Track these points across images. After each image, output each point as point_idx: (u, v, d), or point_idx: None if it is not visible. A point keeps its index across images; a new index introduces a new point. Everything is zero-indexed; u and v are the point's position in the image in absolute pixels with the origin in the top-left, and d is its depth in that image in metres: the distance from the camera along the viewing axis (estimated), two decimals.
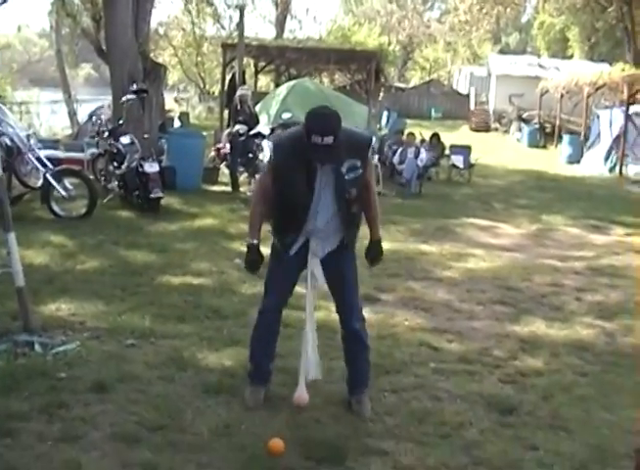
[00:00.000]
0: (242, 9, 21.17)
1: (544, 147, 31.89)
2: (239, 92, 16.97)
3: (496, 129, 39.69)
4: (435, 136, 19.52)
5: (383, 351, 6.35)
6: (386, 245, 10.57)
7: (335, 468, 4.36)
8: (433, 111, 46.58)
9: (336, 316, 5.29)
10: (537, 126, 33.67)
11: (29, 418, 4.73)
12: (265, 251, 5.06)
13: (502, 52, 59.95)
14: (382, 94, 39.66)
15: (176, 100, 46.62)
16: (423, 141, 19.20)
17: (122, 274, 8.40)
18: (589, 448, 4.78)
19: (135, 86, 13.91)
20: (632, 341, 7.11)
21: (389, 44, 52.19)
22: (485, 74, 45.66)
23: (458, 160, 19.19)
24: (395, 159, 17.15)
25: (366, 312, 7.29)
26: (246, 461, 4.34)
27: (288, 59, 26.89)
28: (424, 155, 16.95)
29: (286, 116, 19.71)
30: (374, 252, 5.20)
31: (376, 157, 17.05)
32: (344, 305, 5.15)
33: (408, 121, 32.40)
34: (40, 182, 11.39)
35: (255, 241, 4.96)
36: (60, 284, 7.84)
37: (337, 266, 5.05)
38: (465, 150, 19.45)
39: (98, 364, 5.69)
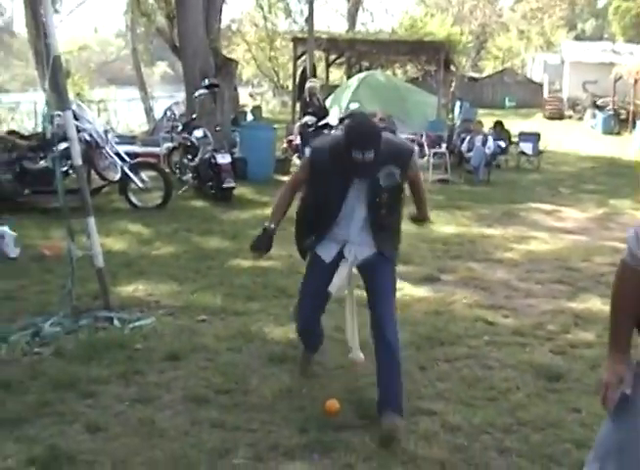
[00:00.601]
0: (311, 3, 21.49)
1: (618, 134, 31.45)
2: (308, 84, 17.41)
3: (570, 117, 39.30)
4: (499, 124, 19.61)
5: (438, 325, 6.70)
6: (450, 229, 10.96)
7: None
8: (506, 100, 46.36)
9: None
10: (611, 113, 33.18)
11: (108, 382, 5.22)
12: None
13: (577, 38, 59.16)
14: (454, 84, 39.55)
15: (251, 95, 47.08)
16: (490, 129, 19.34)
17: (195, 258, 8.88)
18: None
19: (207, 81, 14.45)
20: None
21: (462, 34, 51.92)
22: (559, 62, 45.19)
23: (527, 147, 19.24)
24: (464, 147, 17.33)
25: (426, 291, 7.78)
26: (304, 420, 4.73)
27: (358, 51, 27.15)
28: (491, 142, 17.10)
29: (354, 106, 20.07)
30: (421, 219, 5.35)
31: (444, 145, 17.29)
32: (376, 315, 4.82)
33: (481, 111, 32.43)
34: (118, 176, 11.95)
35: (272, 225, 4.88)
36: (137, 268, 8.35)
37: (372, 274, 4.92)
38: (534, 137, 19.49)
39: (171, 337, 6.16)
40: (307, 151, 5.19)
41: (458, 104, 35.52)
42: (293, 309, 5.54)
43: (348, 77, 29.96)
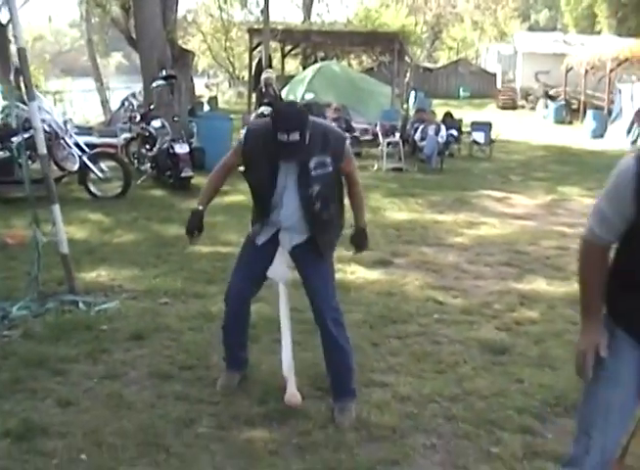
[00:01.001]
0: None
1: (570, 123, 32.08)
2: (263, 75, 17.66)
3: (523, 107, 39.97)
4: (449, 115, 20.03)
5: (391, 305, 7.04)
6: (403, 215, 11.30)
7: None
8: (461, 90, 46.98)
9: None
10: (563, 103, 33.81)
11: (77, 361, 5.48)
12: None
13: (531, 29, 59.86)
14: (409, 74, 39.89)
15: (207, 85, 47.07)
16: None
17: (156, 245, 9.13)
18: (570, 381, 5.36)
19: (164, 73, 14.64)
20: None
21: (416, 25, 52.33)
22: (512, 53, 45.83)
23: (479, 136, 19.67)
24: (417, 136, 17.69)
25: (379, 274, 8.09)
26: (264, 392, 5.02)
27: (313, 42, 27.43)
28: (444, 132, 17.48)
29: (309, 96, 20.34)
30: (358, 238, 5.07)
31: (397, 134, 17.64)
32: (313, 303, 4.86)
33: (436, 101, 32.92)
34: (77, 166, 12.12)
35: (201, 207, 4.92)
36: (99, 254, 8.59)
37: (305, 262, 4.93)
38: (485, 126, 19.92)
39: (135, 318, 6.43)
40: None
41: (413, 94, 35.95)
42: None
43: (304, 68, 30.27)
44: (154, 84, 14.49)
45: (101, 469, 4.04)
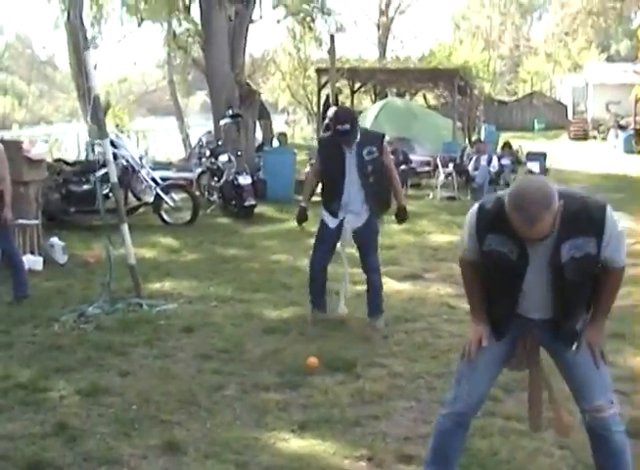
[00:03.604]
0: (332, 36, 23.05)
1: (639, 153, 32.34)
2: (329, 113, 18.98)
3: (594, 137, 40.37)
4: (507, 145, 21.04)
5: (408, 308, 8.21)
6: (443, 238, 12.43)
7: (347, 372, 6.20)
8: (535, 122, 47.51)
9: None
10: (632, 132, 34.20)
11: (137, 346, 6.83)
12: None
13: (610, 60, 59.86)
14: (481, 108, 40.72)
15: (286, 122, 48.47)
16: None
17: (215, 263, 10.49)
18: None
19: (231, 111, 16.11)
20: None
21: (490, 59, 53.24)
22: (584, 84, 46.33)
23: (534, 166, 20.60)
24: (470, 166, 18.75)
25: (407, 285, 9.23)
26: (283, 369, 6.24)
27: (378, 80, 28.71)
28: (495, 162, 18.50)
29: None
30: (399, 213, 7.50)
31: (451, 165, 18.75)
32: (362, 260, 7.43)
33: (511, 134, 33.78)
34: (152, 197, 13.62)
35: (304, 204, 7.43)
36: (164, 270, 9.97)
37: (361, 236, 7.31)
38: (540, 156, 20.88)
39: (188, 317, 7.77)
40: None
41: (484, 127, 36.81)
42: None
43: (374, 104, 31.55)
44: (221, 122, 15.97)
45: (147, 416, 5.31)
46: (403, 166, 18.74)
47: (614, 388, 3.93)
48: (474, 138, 27.73)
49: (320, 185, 7.40)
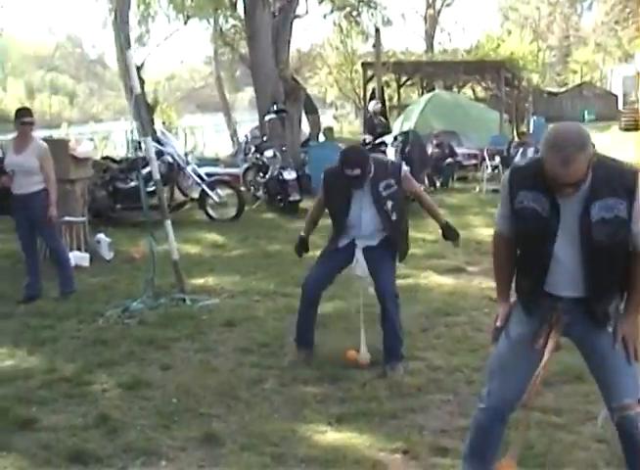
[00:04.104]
0: (377, 30, 23.11)
1: None
2: (370, 106, 19.04)
3: None
4: None
5: (449, 302, 8.20)
6: (488, 231, 12.30)
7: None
8: (585, 113, 46.95)
9: None
10: None
11: (179, 340, 6.93)
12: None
13: None
14: (529, 100, 40.37)
15: (335, 117, 48.46)
16: None
17: (258, 258, 10.58)
18: (577, 358, 6.40)
19: (275, 107, 16.20)
20: None
21: (539, 50, 52.78)
22: (634, 73, 45.62)
23: None
24: (517, 158, 18.59)
25: (449, 279, 9.22)
26: (322, 362, 6.28)
27: (425, 73, 28.65)
28: None
29: (407, 126, 21.60)
30: (446, 232, 6.54)
31: (497, 158, 18.66)
32: (375, 284, 6.29)
33: None
34: (198, 193, 13.77)
35: (304, 234, 6.68)
36: (208, 265, 10.08)
37: (374, 258, 6.26)
38: None
39: (230, 311, 7.86)
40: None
41: (533, 119, 36.52)
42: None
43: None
44: (266, 118, 16.07)
45: (186, 408, 5.40)
46: (449, 160, 18.72)
47: None
48: (522, 131, 27.58)
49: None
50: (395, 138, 16.53)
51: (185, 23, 25.68)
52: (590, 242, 3.52)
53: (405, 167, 6.45)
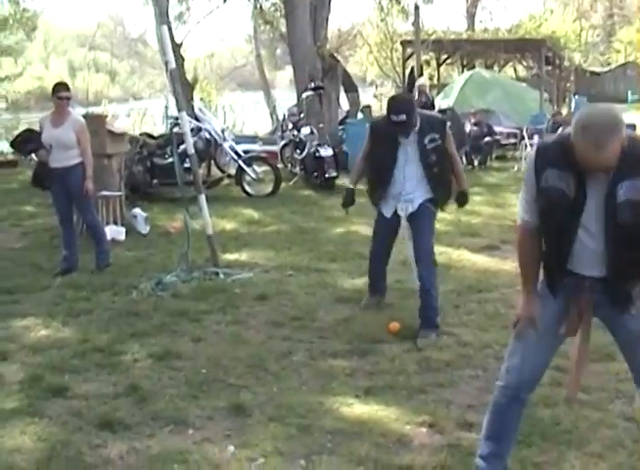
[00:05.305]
0: (417, 7, 22.88)
1: None
2: (417, 83, 18.95)
3: None
4: None
5: (482, 279, 8.17)
6: None
7: (415, 341, 6.24)
8: (629, 93, 46.27)
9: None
10: None
11: (211, 312, 6.99)
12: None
13: None
14: (571, 79, 39.90)
15: (375, 95, 48.21)
16: None
17: (293, 234, 10.61)
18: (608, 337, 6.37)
19: (313, 84, 16.18)
20: None
21: (582, 29, 52.01)
22: None
23: None
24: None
25: (483, 257, 9.19)
26: (352, 336, 6.32)
27: (465, 51, 28.42)
28: None
29: (444, 104, 21.54)
30: (460, 198, 6.83)
31: (536, 137, 18.47)
32: (416, 250, 6.67)
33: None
34: (235, 169, 13.83)
35: (351, 186, 6.96)
36: (243, 241, 10.13)
37: (416, 220, 6.59)
38: (630, 127, 20.34)
39: (263, 285, 7.90)
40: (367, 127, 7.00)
41: (575, 98, 36.11)
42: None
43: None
44: (304, 95, 16.06)
45: (215, 379, 5.46)
46: (488, 139, 18.58)
47: None
48: (564, 111, 27.28)
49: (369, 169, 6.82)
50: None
51: (225, 0, 25.64)
52: (615, 223, 3.46)
53: (448, 124, 6.75)
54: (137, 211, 10.58)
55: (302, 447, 4.48)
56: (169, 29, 12.84)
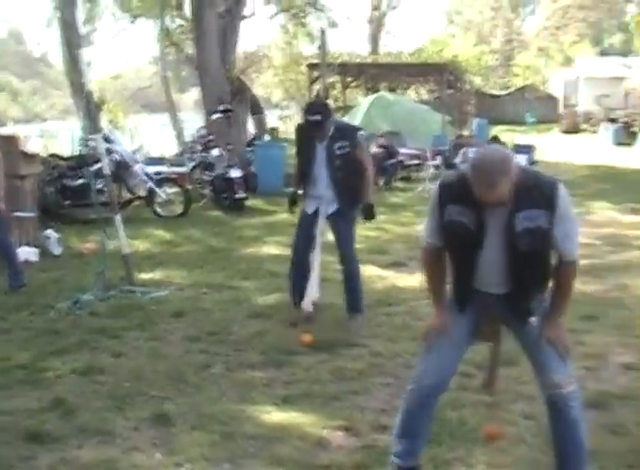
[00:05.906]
0: (323, 32, 23.34)
1: (628, 144, 32.54)
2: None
3: (585, 130, 40.55)
4: (495, 138, 21.35)
5: (391, 293, 8.56)
6: None
7: (329, 352, 6.53)
8: (528, 115, 47.65)
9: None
10: (622, 125, 34.43)
11: (129, 329, 7.15)
12: None
13: (604, 53, 59.82)
14: (472, 102, 40.92)
15: (280, 117, 48.52)
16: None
17: (205, 253, 10.82)
18: None
19: (222, 107, 16.43)
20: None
21: (482, 53, 53.50)
22: (575, 77, 46.52)
23: (522, 158, 20.84)
24: (458, 159, 19.04)
25: (391, 273, 9.51)
26: (267, 348, 6.58)
27: (369, 74, 29.05)
28: None
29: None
30: (365, 210, 7.27)
31: (439, 158, 19.09)
32: (339, 250, 7.31)
33: (503, 127, 34.23)
34: (145, 191, 13.94)
35: (293, 188, 7.67)
36: (157, 260, 10.30)
37: (336, 224, 7.24)
38: (528, 149, 21.17)
39: (179, 302, 8.11)
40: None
41: (476, 121, 37.07)
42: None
43: None
44: (212, 117, 16.29)
45: (138, 392, 5.64)
46: (392, 160, 19.09)
47: (580, 364, 4.23)
48: (465, 132, 28.08)
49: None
50: None
51: (132, 22, 25.68)
52: (515, 249, 3.86)
53: (362, 132, 7.30)
54: (50, 232, 10.64)
55: (226, 452, 4.71)
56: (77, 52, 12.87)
